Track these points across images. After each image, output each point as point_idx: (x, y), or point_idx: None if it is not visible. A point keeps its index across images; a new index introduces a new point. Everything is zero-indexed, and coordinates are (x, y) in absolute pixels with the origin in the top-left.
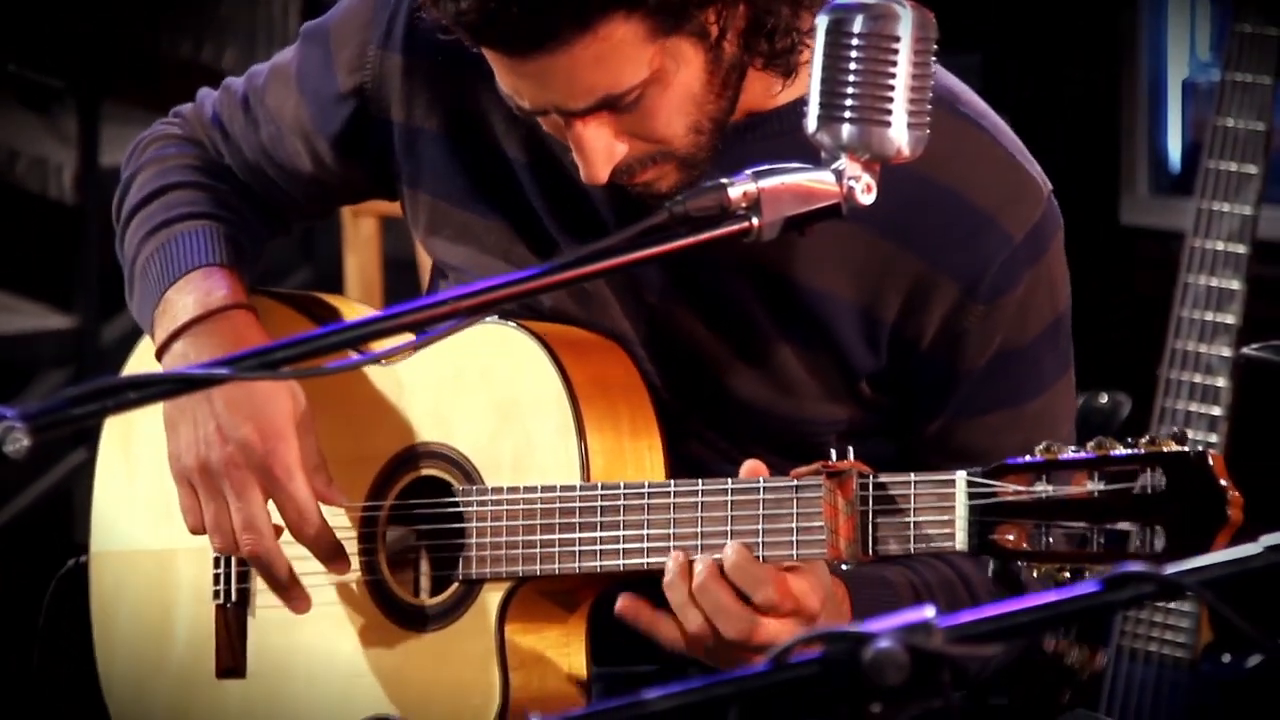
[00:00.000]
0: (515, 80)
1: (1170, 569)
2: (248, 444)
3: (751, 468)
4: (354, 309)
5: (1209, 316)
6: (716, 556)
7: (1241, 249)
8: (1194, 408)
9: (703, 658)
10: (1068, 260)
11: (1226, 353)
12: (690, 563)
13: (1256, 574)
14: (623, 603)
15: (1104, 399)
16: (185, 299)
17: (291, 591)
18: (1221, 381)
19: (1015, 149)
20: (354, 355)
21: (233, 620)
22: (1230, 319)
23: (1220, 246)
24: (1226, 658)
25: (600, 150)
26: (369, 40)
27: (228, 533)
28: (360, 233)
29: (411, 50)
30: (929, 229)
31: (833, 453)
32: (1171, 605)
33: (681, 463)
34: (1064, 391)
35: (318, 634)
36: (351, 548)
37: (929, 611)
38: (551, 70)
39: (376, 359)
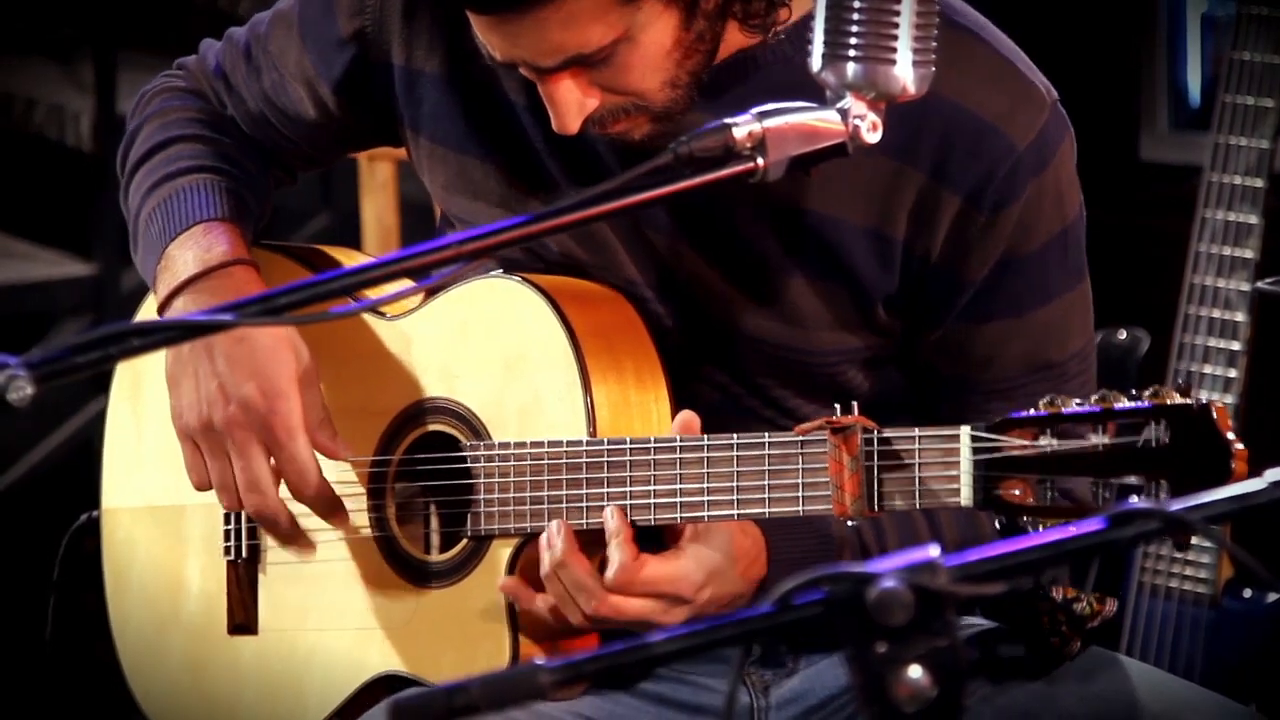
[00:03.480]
0: (487, 34)
1: (1175, 505)
2: (249, 402)
3: (685, 422)
4: (356, 259)
5: (1227, 251)
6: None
7: (1259, 183)
8: (1212, 343)
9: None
10: (1087, 196)
11: (1245, 287)
12: (550, 535)
13: (1261, 509)
14: (504, 583)
15: (1123, 335)
16: (186, 254)
17: (299, 544)
18: (1240, 316)
19: (1017, 58)
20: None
21: (244, 576)
22: (1248, 253)
23: (1238, 181)
24: (1248, 593)
25: (571, 104)
26: None
27: (232, 491)
28: (376, 177)
29: None
30: (931, 142)
31: (837, 408)
32: (1192, 541)
33: (695, 410)
34: (1075, 305)
35: (328, 590)
36: (360, 504)
37: (934, 550)
38: (521, 29)
39: (379, 304)
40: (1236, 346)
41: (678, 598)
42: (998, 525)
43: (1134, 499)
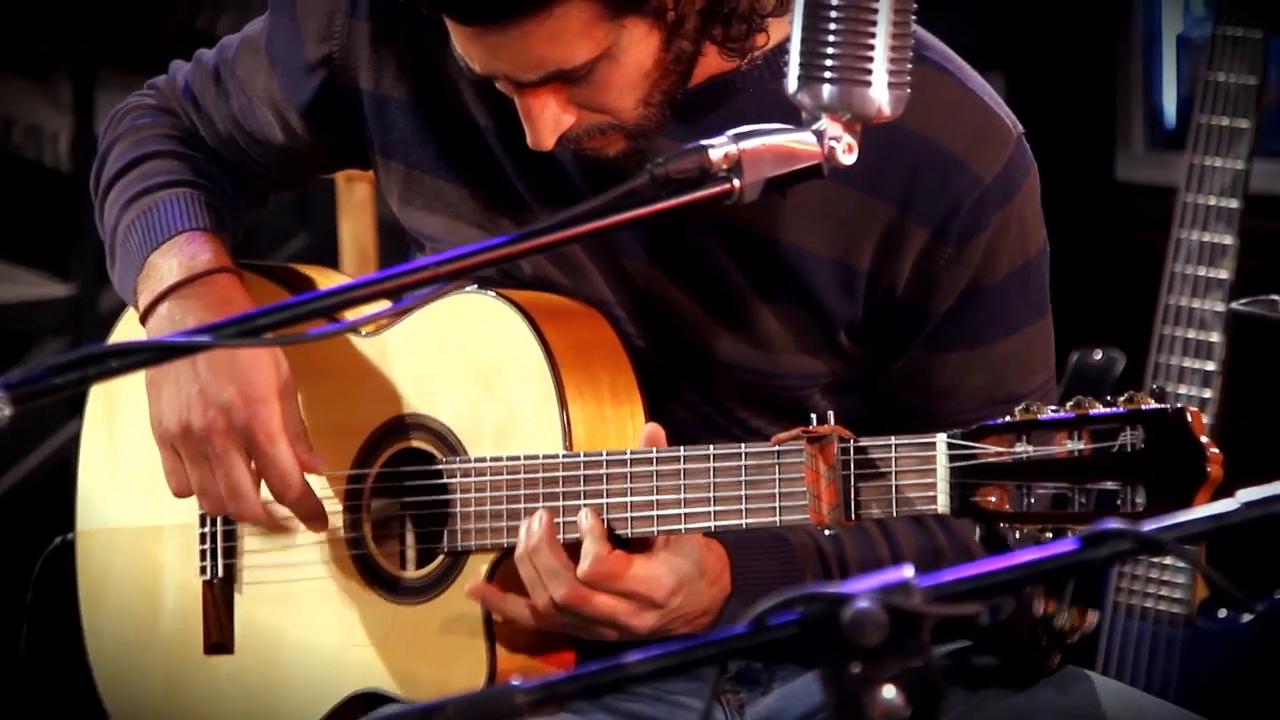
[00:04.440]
0: (467, 46)
1: (1148, 526)
2: (230, 407)
3: (651, 434)
4: (333, 279)
5: (1202, 271)
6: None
7: (1234, 203)
8: (1188, 363)
9: (565, 630)
10: (1064, 216)
11: (1220, 308)
12: (529, 523)
13: (1233, 530)
14: (470, 588)
15: (1098, 355)
16: (169, 262)
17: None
18: (1215, 336)
19: (983, 92)
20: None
21: (219, 596)
22: (1223, 274)
23: (1212, 201)
24: (1223, 613)
25: (548, 120)
26: (337, 9)
27: (215, 496)
28: (354, 198)
29: (379, 18)
30: (898, 175)
31: (813, 417)
32: (1167, 562)
33: (665, 427)
34: (1037, 338)
35: (305, 608)
36: (336, 520)
37: (908, 571)
38: (504, 43)
39: (357, 325)
40: (1211, 367)
41: (649, 600)
42: (978, 534)
43: (1110, 523)
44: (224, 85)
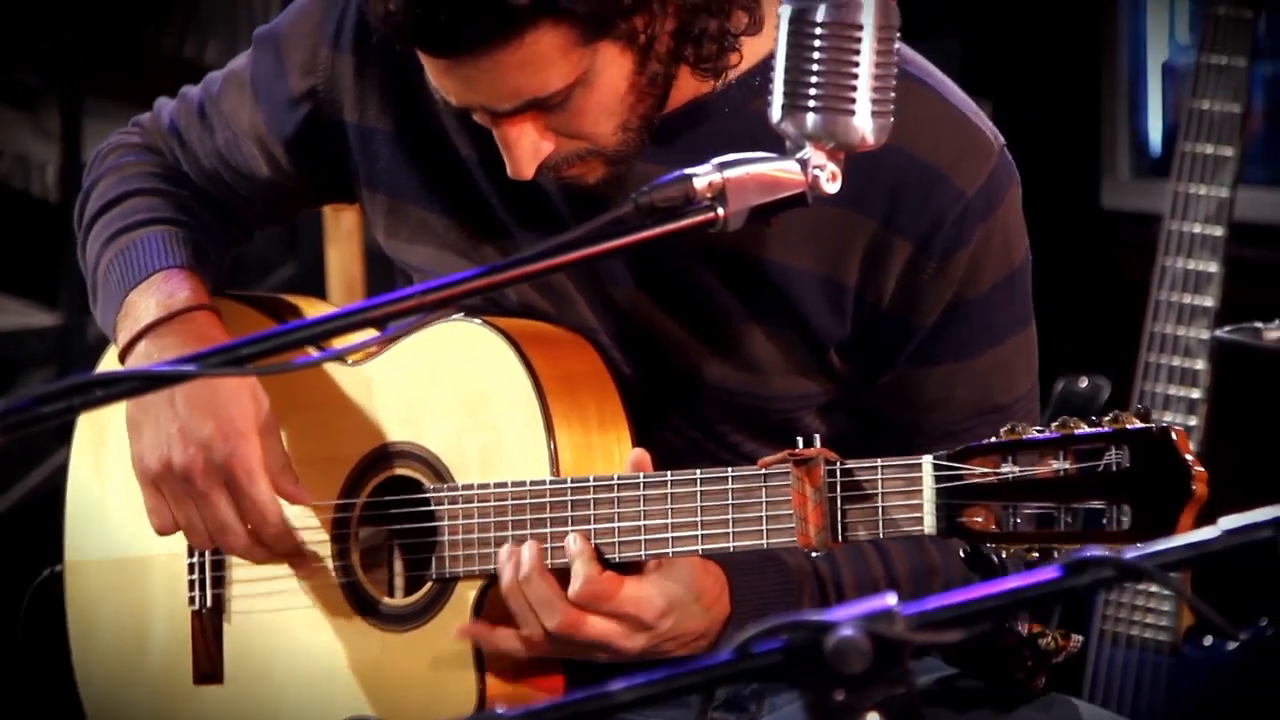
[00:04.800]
0: (442, 79)
1: (1130, 553)
2: (210, 444)
3: (636, 460)
4: (320, 308)
5: (1187, 299)
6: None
7: (1219, 231)
8: (1173, 390)
9: (556, 655)
10: (1049, 243)
11: (1205, 335)
12: (518, 553)
13: (1215, 557)
14: (460, 628)
15: (1084, 383)
16: (147, 300)
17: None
18: (1200, 364)
19: (964, 106)
20: (319, 353)
21: (208, 626)
22: (1208, 301)
23: (1197, 229)
24: (1208, 641)
25: (526, 148)
26: (320, 42)
27: (200, 532)
28: (341, 226)
29: (363, 51)
30: (881, 189)
31: (799, 440)
32: (1152, 589)
33: (653, 453)
34: (1021, 348)
35: (294, 636)
36: (324, 549)
37: (891, 599)
38: (478, 74)
39: (342, 354)
40: (1196, 394)
41: (639, 621)
42: (963, 553)
43: (1092, 550)
44: (209, 121)
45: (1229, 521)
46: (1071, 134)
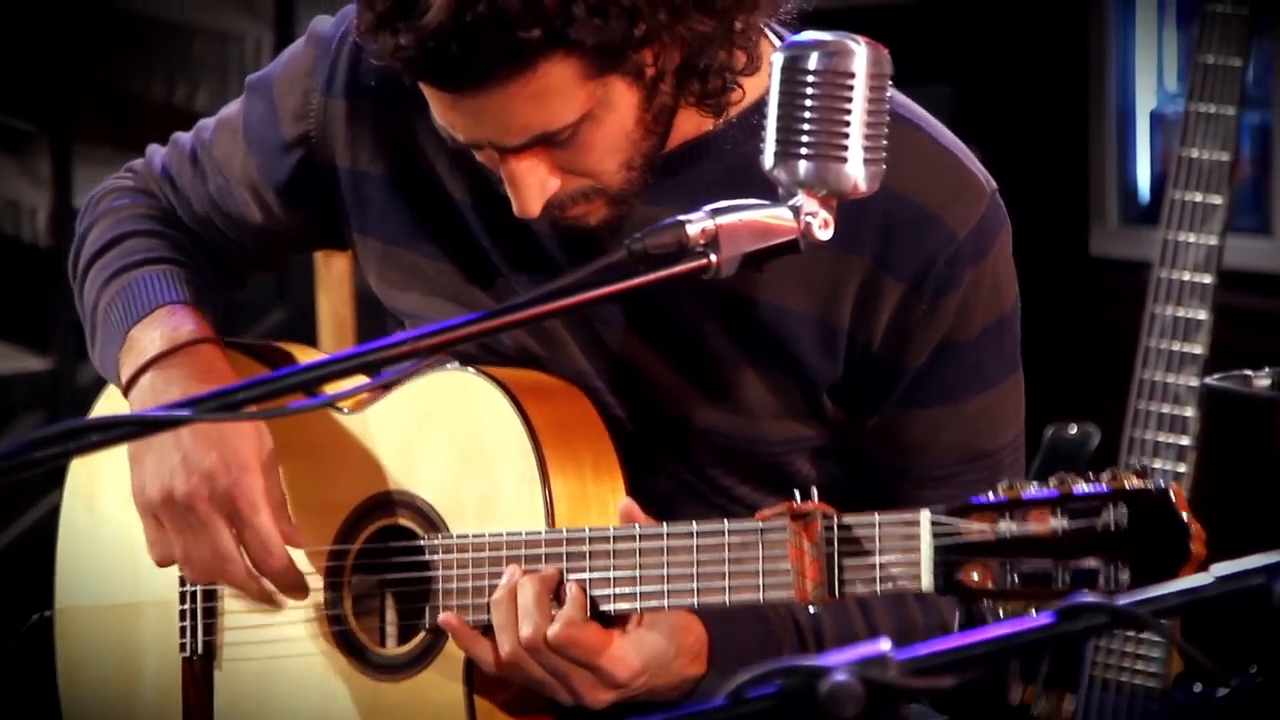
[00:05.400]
0: (450, 115)
1: (1123, 599)
2: (213, 474)
3: (626, 511)
4: (311, 356)
5: (1176, 347)
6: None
7: (1208, 279)
8: (1162, 438)
9: (520, 681)
10: (1038, 291)
11: (1194, 383)
12: (518, 583)
13: (1208, 604)
14: (444, 617)
15: (1073, 430)
16: (151, 334)
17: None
18: (1189, 411)
19: (956, 149)
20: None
21: (199, 673)
22: (1197, 349)
23: (1186, 277)
24: (1198, 687)
25: (534, 186)
26: (312, 88)
27: (200, 563)
28: (332, 272)
29: (355, 96)
30: (874, 230)
31: (797, 494)
32: (1142, 635)
33: (645, 497)
34: (1009, 395)
35: (284, 685)
36: (317, 596)
37: (885, 644)
38: (487, 107)
39: (335, 400)
40: (1186, 441)
41: (611, 678)
42: (957, 613)
43: (1085, 596)
44: (201, 167)
45: (1222, 568)
46: (1060, 181)
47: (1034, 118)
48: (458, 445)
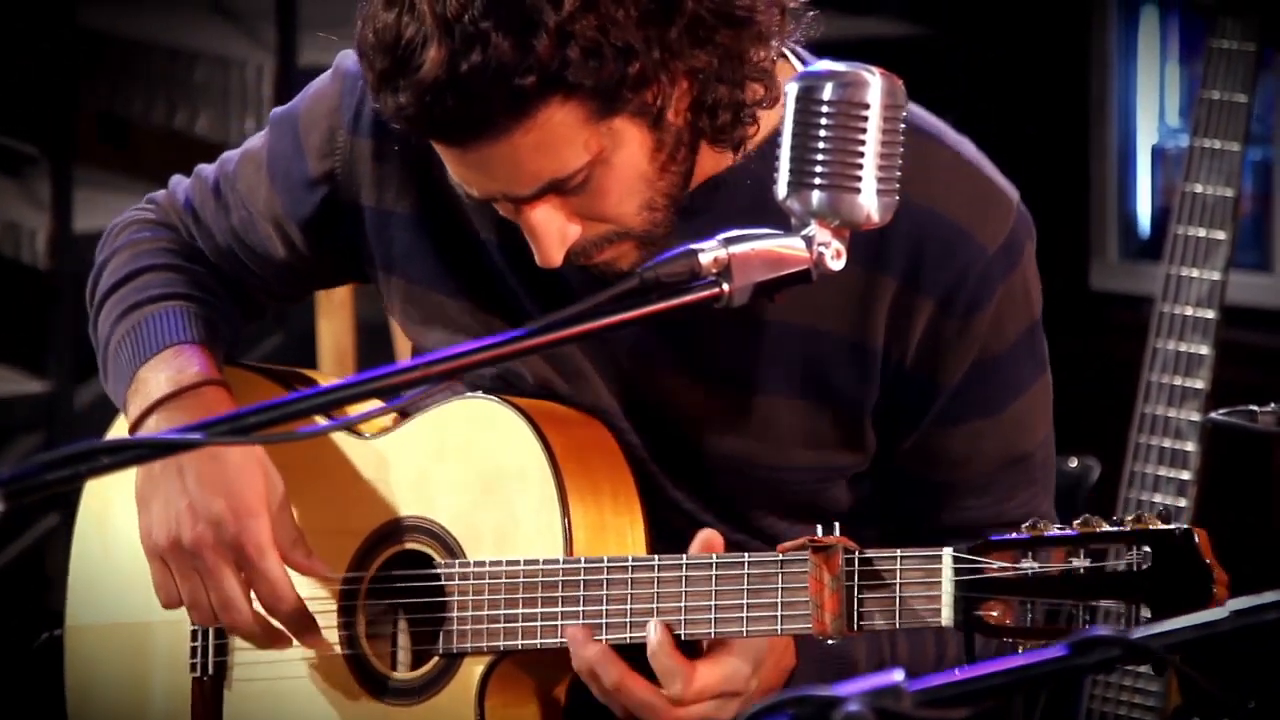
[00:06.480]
0: (461, 170)
1: (1136, 633)
2: (219, 521)
3: (706, 540)
4: (330, 381)
5: (1178, 381)
6: (641, 635)
7: (1210, 314)
8: (1163, 472)
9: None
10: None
11: (1195, 417)
12: (607, 649)
13: (1223, 638)
14: (595, 652)
15: (1074, 463)
16: (158, 376)
17: (272, 658)
18: (1190, 446)
19: (981, 161)
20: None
21: (209, 694)
22: (1199, 384)
23: (1189, 312)
24: None
25: (553, 234)
26: (338, 125)
27: (205, 609)
28: (334, 299)
29: (381, 134)
30: (903, 247)
31: (819, 528)
32: (1140, 670)
33: (663, 530)
34: (1040, 393)
35: (295, 707)
36: (330, 620)
37: (897, 675)
38: (494, 159)
39: (350, 423)
40: (1187, 476)
41: (733, 694)
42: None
43: (1098, 629)
44: (224, 199)
45: (1237, 603)
46: (1061, 215)
47: (1035, 151)
48: (477, 471)
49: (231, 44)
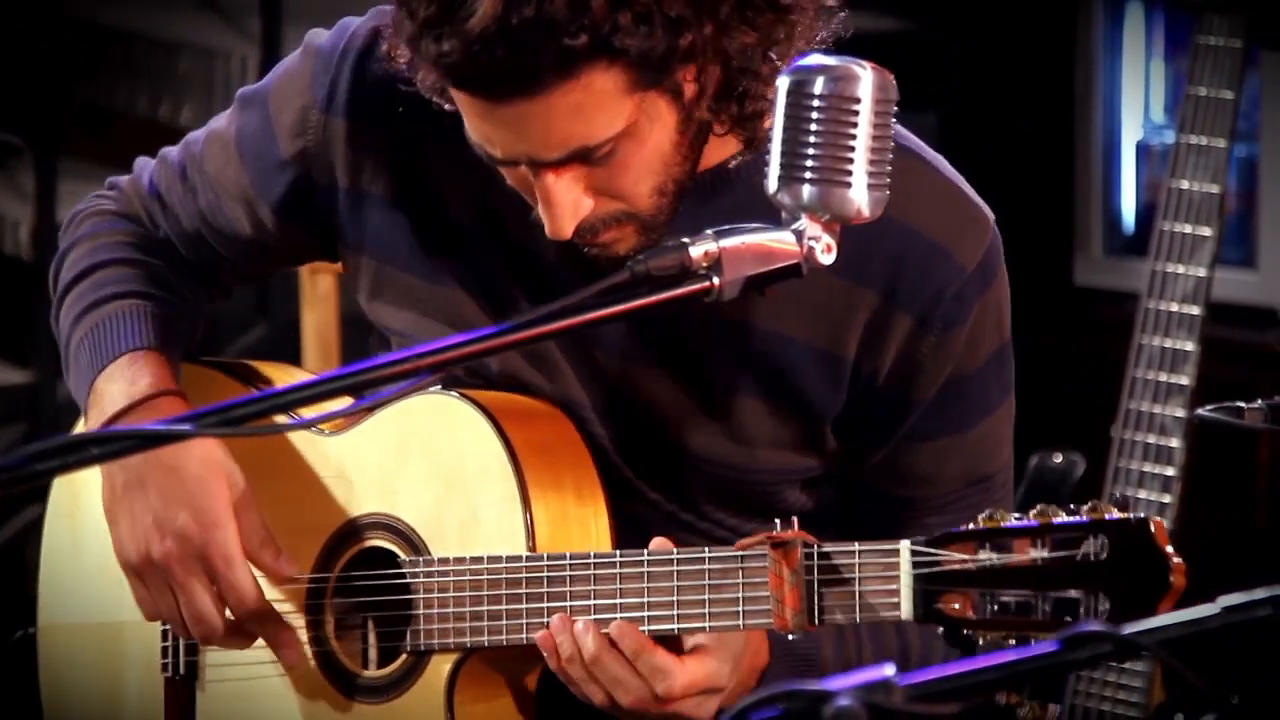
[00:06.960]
0: (489, 128)
1: (1128, 629)
2: (184, 534)
3: (659, 544)
4: (294, 375)
5: (1163, 377)
6: (605, 630)
7: (1196, 310)
8: (1148, 468)
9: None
10: (1022, 319)
11: (1180, 413)
12: (573, 635)
13: (1213, 634)
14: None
15: (1058, 459)
16: (112, 389)
17: (245, 660)
18: (1175, 442)
19: (959, 180)
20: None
21: (181, 694)
22: (1184, 380)
23: (1174, 308)
24: (1179, 718)
25: (568, 205)
26: (311, 105)
27: (179, 622)
28: (318, 290)
29: (357, 113)
30: (882, 262)
31: (777, 523)
32: (1125, 665)
33: (629, 524)
34: (1005, 416)
35: (267, 706)
36: (299, 620)
37: (888, 669)
38: (529, 117)
39: (321, 420)
40: (1171, 472)
41: (715, 690)
42: (941, 634)
43: (1085, 624)
44: (190, 182)
45: (1228, 599)
46: (1045, 211)
47: (1019, 147)
48: (440, 468)
49: (216, 35)
